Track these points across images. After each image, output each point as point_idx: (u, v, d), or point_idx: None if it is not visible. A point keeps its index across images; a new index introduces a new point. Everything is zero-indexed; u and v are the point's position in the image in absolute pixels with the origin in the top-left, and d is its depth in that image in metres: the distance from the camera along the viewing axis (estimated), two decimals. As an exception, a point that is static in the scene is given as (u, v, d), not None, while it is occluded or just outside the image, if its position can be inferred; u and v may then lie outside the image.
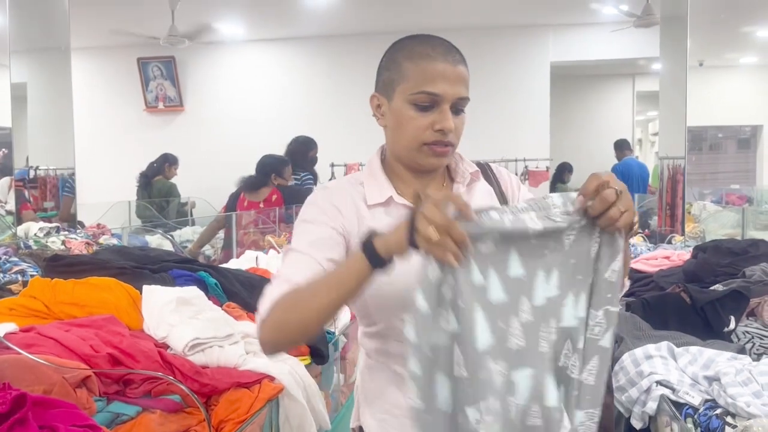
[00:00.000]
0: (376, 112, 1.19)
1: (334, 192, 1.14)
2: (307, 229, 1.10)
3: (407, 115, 1.11)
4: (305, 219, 1.11)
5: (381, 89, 1.17)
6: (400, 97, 1.12)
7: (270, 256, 2.53)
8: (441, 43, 1.17)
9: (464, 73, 1.16)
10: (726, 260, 2.09)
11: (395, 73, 1.14)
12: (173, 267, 1.75)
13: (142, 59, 7.47)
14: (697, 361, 1.60)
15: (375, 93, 1.18)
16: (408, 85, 1.11)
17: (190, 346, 1.42)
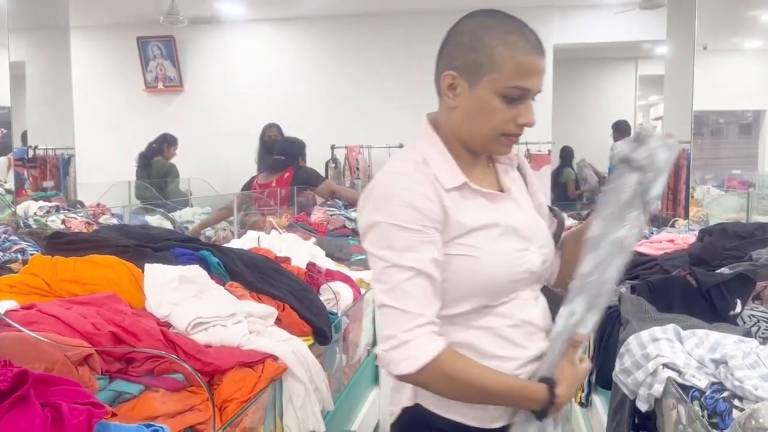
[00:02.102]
0: (447, 91, 1.15)
1: (417, 182, 1.10)
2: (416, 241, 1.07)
3: (494, 105, 1.12)
4: (405, 226, 1.07)
5: (463, 71, 1.13)
6: (489, 87, 1.11)
7: (272, 236, 2.51)
8: (530, 31, 1.15)
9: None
10: (732, 243, 2.07)
11: (485, 60, 1.11)
12: (175, 246, 1.73)
13: (141, 39, 7.40)
14: (703, 344, 1.59)
15: (452, 72, 1.14)
16: (501, 77, 1.10)
17: (193, 325, 1.40)
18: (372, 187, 1.12)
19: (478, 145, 1.18)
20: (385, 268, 1.07)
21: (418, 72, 7.06)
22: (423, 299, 1.06)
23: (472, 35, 1.13)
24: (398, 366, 1.05)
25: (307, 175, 4.29)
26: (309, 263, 2.36)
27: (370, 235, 1.10)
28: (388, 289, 1.07)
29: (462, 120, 1.15)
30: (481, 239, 1.13)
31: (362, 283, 2.59)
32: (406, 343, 1.04)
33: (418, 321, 1.05)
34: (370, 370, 2.55)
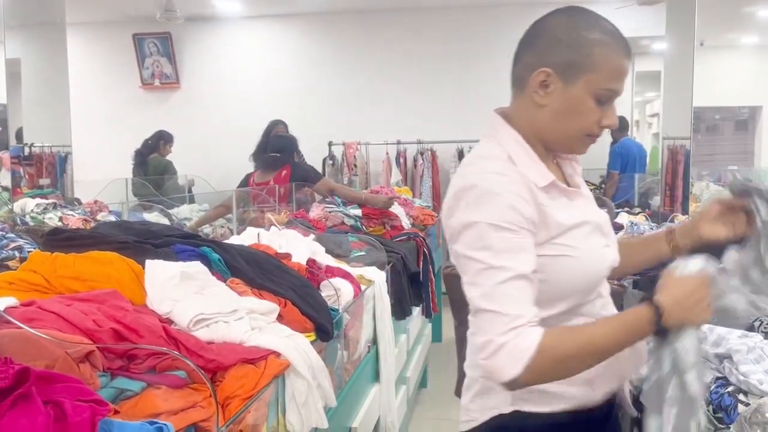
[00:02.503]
0: (538, 88, 1.13)
1: (514, 182, 1.08)
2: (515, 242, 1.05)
3: (587, 106, 1.12)
4: (505, 227, 1.05)
5: (559, 69, 1.11)
6: (584, 87, 1.10)
7: (272, 232, 2.50)
8: (621, 34, 1.16)
9: None
10: (734, 238, 2.06)
11: (584, 60, 1.10)
12: (176, 242, 1.71)
13: (137, 35, 7.38)
14: (707, 338, 1.59)
15: (547, 69, 1.11)
16: (598, 78, 1.10)
17: (195, 322, 1.39)
18: (465, 186, 1.09)
19: (561, 145, 1.18)
20: (482, 270, 1.05)
21: (416, 68, 7.06)
22: (522, 301, 1.03)
23: (571, 33, 1.11)
24: (502, 372, 1.01)
25: (305, 172, 4.28)
26: (309, 259, 2.35)
27: (464, 236, 1.07)
28: (484, 293, 1.04)
29: (550, 118, 1.14)
30: (577, 238, 1.13)
31: (362, 279, 2.58)
32: (503, 345, 1.01)
33: (517, 322, 1.01)
34: (371, 366, 2.54)
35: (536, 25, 1.17)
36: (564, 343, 1.04)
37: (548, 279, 1.08)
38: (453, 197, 1.11)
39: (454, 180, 1.14)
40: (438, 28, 6.97)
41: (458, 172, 1.15)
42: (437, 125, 6.75)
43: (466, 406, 1.24)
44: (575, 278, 1.13)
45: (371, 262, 3.02)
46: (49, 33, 4.77)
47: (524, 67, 1.15)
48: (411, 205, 5.03)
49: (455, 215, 1.09)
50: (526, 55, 1.15)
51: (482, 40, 6.81)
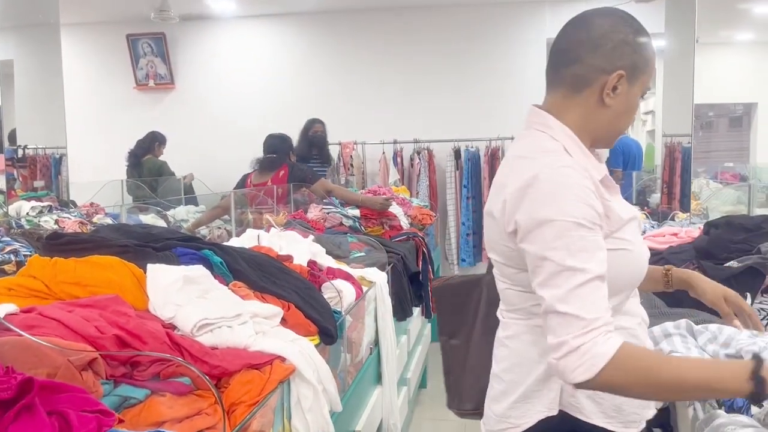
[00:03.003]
0: (609, 90, 1.15)
1: (582, 176, 1.07)
2: (591, 241, 1.04)
3: (636, 104, 1.19)
4: (581, 223, 1.03)
5: (629, 72, 1.15)
6: (639, 87, 1.17)
7: (272, 233, 2.48)
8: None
9: None
10: (739, 236, 2.06)
11: (643, 62, 1.16)
12: (177, 245, 1.69)
13: (131, 36, 7.32)
14: (717, 338, 1.57)
15: (622, 72, 1.14)
16: (647, 79, 1.17)
17: (199, 327, 1.36)
18: (533, 179, 1.07)
19: (609, 141, 1.22)
20: (559, 272, 1.03)
21: (412, 67, 7.04)
22: (599, 304, 1.02)
23: (636, 36, 1.16)
24: (573, 373, 1.00)
25: (303, 172, 4.26)
26: (310, 261, 2.33)
27: (537, 234, 1.05)
28: (560, 296, 1.02)
29: (612, 118, 1.17)
30: (630, 232, 1.15)
31: (363, 280, 2.55)
32: (578, 348, 1.00)
33: (594, 325, 1.00)
34: (373, 368, 2.52)
35: (590, 27, 1.17)
36: (645, 360, 1.02)
37: (607, 273, 1.06)
38: (518, 191, 1.08)
39: (512, 174, 1.12)
40: (434, 27, 6.94)
41: (516, 164, 1.13)
42: (434, 124, 6.73)
43: (503, 413, 1.21)
44: (631, 272, 1.15)
45: (371, 263, 2.99)
46: (42, 34, 4.72)
47: (589, 69, 1.15)
48: (409, 205, 5.01)
49: (523, 210, 1.07)
50: (590, 57, 1.15)
51: (479, 39, 6.79)
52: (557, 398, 1.15)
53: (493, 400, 1.25)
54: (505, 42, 6.81)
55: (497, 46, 6.75)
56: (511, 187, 1.10)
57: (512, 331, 1.22)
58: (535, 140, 1.17)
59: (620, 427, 1.16)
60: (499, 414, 1.22)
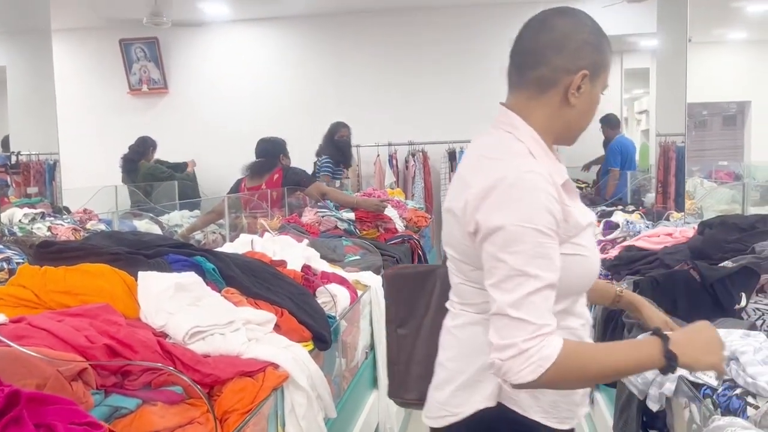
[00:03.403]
0: (574, 90, 1.16)
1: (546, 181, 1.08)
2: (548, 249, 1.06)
3: (598, 101, 1.20)
4: (542, 230, 1.05)
5: (591, 71, 1.16)
6: (600, 85, 1.19)
7: (265, 238, 2.46)
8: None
9: None
10: (734, 236, 2.05)
11: (603, 60, 1.18)
12: (169, 252, 1.67)
13: (124, 41, 7.31)
14: (711, 340, 1.56)
15: (586, 71, 1.15)
16: (606, 75, 1.20)
17: (191, 335, 1.35)
18: (498, 181, 1.08)
19: (572, 139, 1.24)
20: (513, 276, 1.04)
21: (405, 69, 7.04)
22: (548, 310, 1.05)
23: (596, 35, 1.17)
24: (518, 375, 1.03)
25: (297, 176, 4.23)
26: (304, 265, 2.32)
27: (497, 236, 1.06)
28: (513, 301, 1.04)
29: (577, 116, 1.19)
30: (587, 238, 1.17)
31: (358, 284, 2.54)
32: (525, 351, 1.02)
33: (543, 330, 1.03)
34: (369, 372, 2.51)
35: (552, 28, 1.17)
36: (582, 357, 1.07)
37: (561, 277, 1.08)
38: (483, 191, 1.09)
39: (476, 174, 1.12)
40: (428, 29, 6.94)
41: (482, 164, 1.14)
42: (428, 126, 6.73)
43: (443, 401, 1.24)
44: (583, 276, 1.17)
45: (366, 266, 2.99)
46: (34, 40, 4.71)
47: (555, 71, 1.16)
48: (404, 207, 5.01)
49: (485, 211, 1.08)
50: (556, 58, 1.15)
51: (473, 41, 6.79)
52: (496, 391, 1.18)
53: (436, 387, 1.27)
54: (499, 43, 6.78)
55: (491, 48, 6.75)
56: (475, 187, 1.10)
57: (461, 321, 1.24)
58: (501, 141, 1.17)
59: (555, 422, 1.20)
60: (440, 402, 1.24)
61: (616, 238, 3.15)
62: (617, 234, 3.16)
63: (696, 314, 1.82)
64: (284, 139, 4.58)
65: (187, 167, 6.96)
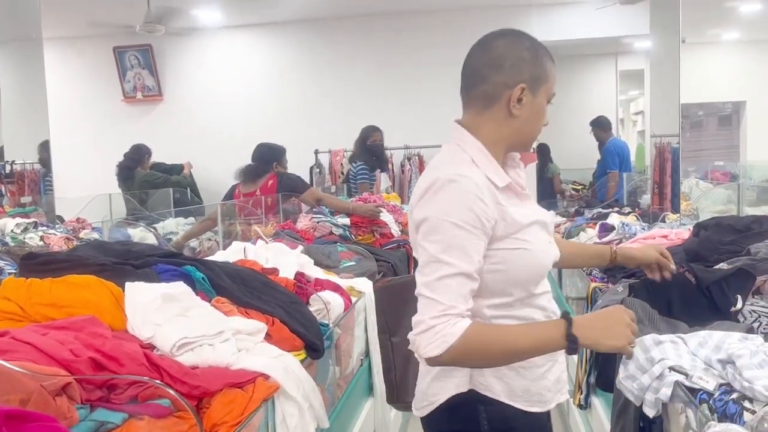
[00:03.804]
0: (515, 102, 1.29)
1: (477, 185, 1.21)
2: (462, 240, 1.18)
3: (543, 110, 1.34)
4: (461, 226, 1.18)
5: (530, 84, 1.29)
6: (543, 95, 1.32)
7: (258, 246, 2.44)
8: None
9: None
10: (729, 238, 2.03)
11: (542, 73, 1.31)
12: (157, 262, 1.65)
13: (118, 48, 7.30)
14: (707, 343, 1.54)
15: (523, 85, 1.28)
16: (549, 86, 1.32)
17: (178, 346, 1.33)
18: (431, 184, 1.22)
19: (525, 145, 1.37)
20: (431, 262, 1.18)
21: (400, 72, 7.02)
22: (459, 295, 1.16)
23: (532, 52, 1.30)
24: (425, 349, 1.14)
25: (292, 181, 4.21)
26: (297, 273, 2.30)
27: (423, 227, 1.21)
28: (428, 281, 1.17)
29: (522, 125, 1.32)
30: (531, 234, 1.28)
31: (353, 291, 2.52)
32: (432, 327, 1.13)
33: (450, 311, 1.14)
34: (364, 379, 2.49)
35: (490, 49, 1.32)
36: (486, 336, 1.18)
37: (506, 269, 1.24)
38: (419, 193, 1.25)
39: (421, 179, 1.28)
40: (422, 33, 6.94)
41: (425, 173, 1.29)
42: (423, 130, 6.70)
43: (424, 391, 1.35)
44: (528, 269, 1.28)
45: (361, 272, 2.96)
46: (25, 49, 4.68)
47: (495, 87, 1.29)
48: (400, 212, 4.98)
49: (419, 208, 1.23)
50: (494, 75, 1.29)
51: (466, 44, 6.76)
52: (467, 378, 1.30)
53: (419, 380, 1.39)
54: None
55: (485, 51, 6.74)
56: (418, 193, 1.27)
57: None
58: (448, 153, 1.32)
59: (525, 405, 1.32)
60: (420, 392, 1.37)
61: (611, 240, 3.13)
62: (613, 236, 3.14)
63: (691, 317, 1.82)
64: (284, 147, 4.54)
65: (184, 169, 6.94)
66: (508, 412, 1.30)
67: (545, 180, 7.40)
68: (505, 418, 1.31)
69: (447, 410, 1.31)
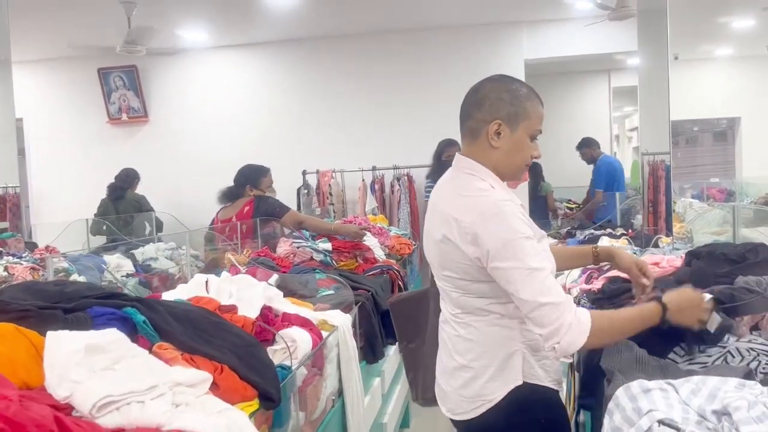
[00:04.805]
0: (493, 135, 1.54)
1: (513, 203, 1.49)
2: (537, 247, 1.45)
3: (526, 144, 1.56)
4: (528, 236, 1.44)
5: (506, 120, 1.54)
6: (523, 131, 1.55)
7: (222, 278, 2.28)
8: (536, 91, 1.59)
9: None
10: (723, 269, 1.88)
11: (521, 111, 1.54)
12: (93, 304, 1.50)
13: (102, 69, 7.19)
14: (701, 391, 1.39)
15: (499, 120, 1.53)
16: (530, 123, 1.55)
17: (99, 406, 1.17)
18: (485, 212, 1.46)
19: (512, 175, 1.60)
20: (528, 274, 1.40)
21: (389, 92, 6.91)
22: (561, 289, 1.42)
23: (511, 94, 1.54)
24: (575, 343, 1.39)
25: (269, 206, 4.04)
26: (265, 307, 2.14)
27: (504, 252, 1.42)
28: (539, 290, 1.39)
29: (502, 156, 1.55)
30: (545, 244, 1.57)
31: (325, 325, 2.36)
32: (571, 324, 1.38)
33: (569, 305, 1.40)
34: (337, 421, 2.32)
35: (477, 91, 1.58)
36: (606, 315, 1.49)
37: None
38: (474, 222, 1.46)
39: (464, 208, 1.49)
40: (410, 51, 6.84)
41: (463, 201, 1.51)
42: (413, 150, 6.58)
43: (477, 393, 1.56)
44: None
45: (338, 302, 2.81)
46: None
47: (477, 122, 1.56)
48: (387, 234, 4.83)
49: (489, 236, 1.44)
50: (476, 113, 1.56)
51: (456, 63, 6.68)
52: (521, 371, 1.55)
53: (462, 386, 1.58)
54: (483, 64, 6.70)
55: (475, 69, 6.62)
56: (467, 220, 1.47)
57: (473, 328, 1.58)
58: (470, 182, 1.54)
59: (555, 384, 1.62)
60: (471, 396, 1.57)
61: (602, 265, 2.97)
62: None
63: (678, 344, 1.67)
64: (266, 168, 4.34)
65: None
66: (548, 394, 1.59)
67: (539, 198, 7.26)
68: (549, 401, 1.60)
69: (507, 403, 1.54)
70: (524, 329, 1.52)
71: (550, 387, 1.58)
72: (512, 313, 1.50)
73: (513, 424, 1.55)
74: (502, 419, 1.54)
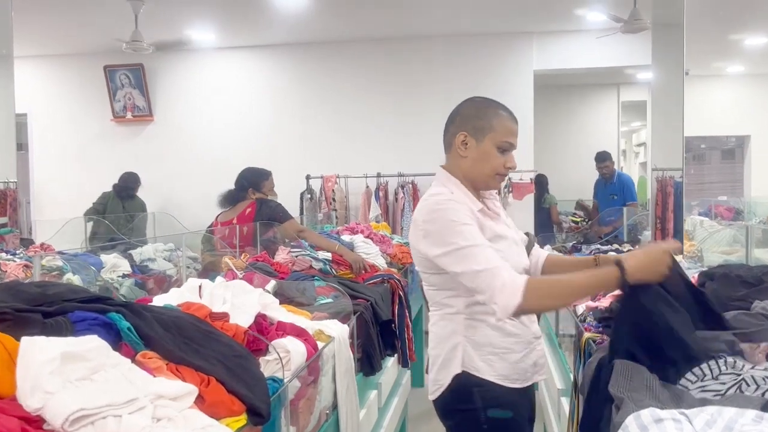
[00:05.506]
0: (460, 146, 1.74)
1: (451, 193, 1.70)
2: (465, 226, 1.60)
3: (492, 154, 1.72)
4: (455, 220, 1.61)
5: (471, 132, 1.72)
6: (490, 142, 1.71)
7: (216, 284, 2.20)
8: (509, 109, 1.76)
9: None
10: (739, 292, 1.80)
11: (486, 125, 1.71)
12: (76, 308, 1.42)
13: (108, 67, 7.15)
14: (716, 422, 1.30)
15: (464, 132, 1.73)
16: (496, 135, 1.71)
17: (72, 421, 1.09)
18: (420, 209, 1.70)
19: (481, 183, 1.77)
20: (461, 250, 1.57)
21: (396, 98, 6.84)
22: (493, 256, 1.55)
23: (478, 110, 1.74)
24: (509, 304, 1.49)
25: (271, 210, 3.93)
26: (259, 314, 2.06)
27: (434, 238, 1.63)
28: (474, 261, 1.55)
29: (471, 165, 1.74)
30: (504, 244, 1.69)
31: (321, 335, 2.28)
32: (504, 285, 1.50)
33: (503, 268, 1.53)
34: (331, 435, 2.23)
35: (455, 110, 1.79)
36: (546, 279, 1.69)
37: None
38: (417, 215, 1.71)
39: (418, 213, 1.71)
40: (417, 59, 6.78)
41: (420, 206, 1.73)
42: (418, 157, 6.50)
43: (434, 378, 1.79)
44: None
45: (336, 312, 2.72)
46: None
47: (450, 135, 1.76)
48: (389, 243, 4.74)
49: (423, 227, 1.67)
50: (450, 127, 1.77)
51: (465, 71, 6.62)
52: (460, 362, 1.72)
53: (429, 371, 1.81)
54: (492, 73, 6.64)
55: (484, 78, 6.57)
56: (419, 218, 1.70)
57: (433, 320, 1.81)
58: (434, 188, 1.76)
59: (507, 382, 1.73)
60: (432, 380, 1.80)
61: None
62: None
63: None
64: (267, 171, 4.25)
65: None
66: (494, 388, 1.71)
67: (543, 210, 7.18)
68: (492, 393, 1.71)
69: (450, 391, 1.73)
70: (468, 326, 1.70)
71: (491, 381, 1.70)
72: (461, 310, 1.70)
73: (457, 410, 1.75)
74: (449, 403, 1.75)
